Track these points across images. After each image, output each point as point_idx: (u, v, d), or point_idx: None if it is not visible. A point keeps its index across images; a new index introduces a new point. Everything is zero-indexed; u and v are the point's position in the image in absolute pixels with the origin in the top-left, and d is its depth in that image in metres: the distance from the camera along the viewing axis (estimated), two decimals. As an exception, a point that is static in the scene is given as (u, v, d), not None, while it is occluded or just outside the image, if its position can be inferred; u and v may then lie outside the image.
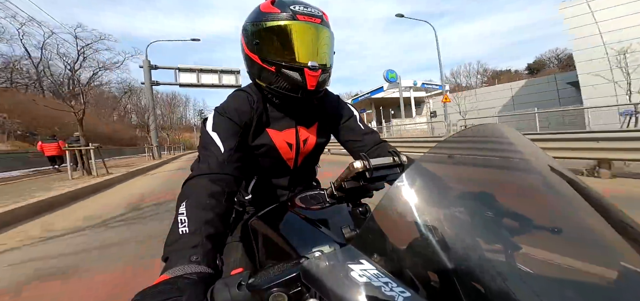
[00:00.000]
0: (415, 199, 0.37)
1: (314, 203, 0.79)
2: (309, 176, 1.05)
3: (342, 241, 0.56)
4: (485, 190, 0.38)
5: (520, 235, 0.33)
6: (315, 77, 0.77)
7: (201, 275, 0.45)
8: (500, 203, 0.36)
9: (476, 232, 0.35)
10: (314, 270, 0.37)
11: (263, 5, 0.79)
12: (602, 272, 0.29)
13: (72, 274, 2.19)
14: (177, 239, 0.52)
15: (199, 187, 0.63)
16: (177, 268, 0.45)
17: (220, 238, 0.58)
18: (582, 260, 0.30)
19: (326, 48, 0.82)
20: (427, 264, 0.33)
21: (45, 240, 3.10)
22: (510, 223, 0.34)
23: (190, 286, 0.41)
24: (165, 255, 0.51)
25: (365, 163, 0.57)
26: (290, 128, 0.88)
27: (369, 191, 0.66)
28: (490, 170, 0.44)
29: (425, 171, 0.40)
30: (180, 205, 0.58)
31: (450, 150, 0.45)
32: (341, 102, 0.99)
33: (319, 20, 0.78)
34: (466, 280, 0.29)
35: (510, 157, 0.43)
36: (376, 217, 0.38)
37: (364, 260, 0.36)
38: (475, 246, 0.33)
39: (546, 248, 0.32)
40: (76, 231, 3.34)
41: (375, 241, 0.37)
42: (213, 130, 0.74)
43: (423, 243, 0.34)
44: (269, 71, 0.78)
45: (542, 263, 0.31)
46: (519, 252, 0.31)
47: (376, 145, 0.94)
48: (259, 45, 0.78)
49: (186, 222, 0.55)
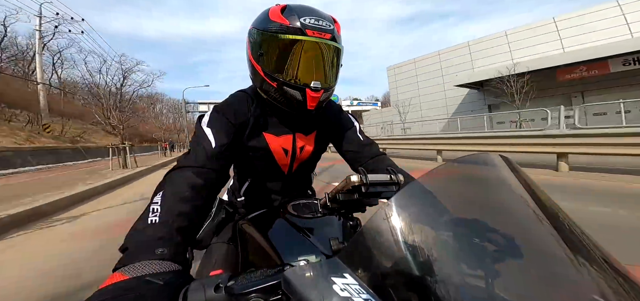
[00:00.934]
0: (406, 220, 0.36)
1: (306, 212, 0.78)
2: (304, 183, 1.05)
3: (329, 252, 0.55)
4: (477, 217, 0.38)
5: (504, 263, 0.33)
6: (316, 98, 0.75)
7: (168, 276, 0.39)
8: (488, 229, 0.36)
9: (461, 258, 0.35)
10: (296, 280, 0.36)
11: (272, 12, 0.75)
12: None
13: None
14: (142, 228, 0.47)
15: (181, 179, 0.60)
16: (138, 264, 0.39)
17: (192, 233, 0.53)
18: (556, 293, 0.30)
19: (332, 67, 0.79)
20: (409, 283, 0.32)
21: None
22: (494, 249, 0.34)
23: (154, 292, 0.34)
24: (124, 245, 0.44)
25: (362, 178, 0.57)
26: (287, 135, 0.88)
27: (362, 206, 0.65)
28: (484, 198, 0.44)
29: (420, 192, 0.40)
30: (156, 194, 0.54)
31: (449, 174, 0.45)
32: (343, 112, 0.99)
33: (329, 36, 0.73)
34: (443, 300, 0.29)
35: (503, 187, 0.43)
36: (365, 232, 0.37)
37: (348, 274, 0.35)
38: (459, 272, 0.32)
39: (526, 278, 0.32)
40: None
41: (362, 256, 0.37)
42: (207, 126, 0.73)
43: (408, 264, 0.33)
44: (270, 85, 0.76)
45: (520, 294, 0.31)
46: (500, 279, 0.31)
47: (375, 157, 0.92)
48: (263, 56, 0.76)
49: (158, 211, 0.50)
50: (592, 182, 4.26)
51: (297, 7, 0.74)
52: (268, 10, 0.77)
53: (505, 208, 0.41)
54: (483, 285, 0.30)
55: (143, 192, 6.07)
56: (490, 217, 0.37)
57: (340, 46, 0.79)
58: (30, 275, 2.30)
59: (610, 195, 3.60)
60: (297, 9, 0.73)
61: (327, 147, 1.01)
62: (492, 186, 0.45)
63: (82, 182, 7.07)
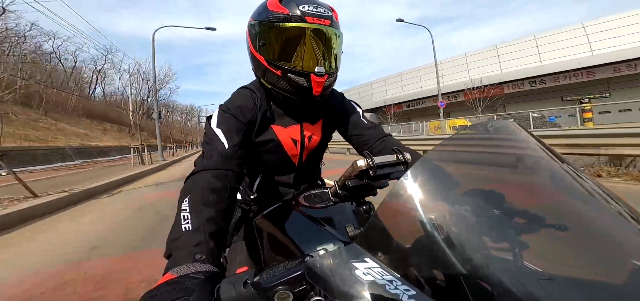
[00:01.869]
0: (420, 197, 0.36)
1: (318, 202, 0.79)
2: (314, 173, 1.05)
3: (346, 239, 0.56)
4: (493, 188, 0.38)
5: (528, 233, 0.32)
6: (321, 83, 0.76)
7: (207, 274, 0.44)
8: (507, 201, 0.35)
9: (483, 230, 0.34)
10: (319, 269, 0.37)
11: (270, 2, 0.76)
12: (612, 271, 0.28)
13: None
14: (179, 236, 0.52)
15: (201, 182, 0.63)
16: (183, 266, 0.45)
17: (222, 236, 0.57)
18: (591, 259, 0.29)
19: (334, 52, 0.80)
20: (432, 262, 0.32)
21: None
22: (517, 221, 0.33)
23: (198, 286, 0.41)
24: (167, 252, 0.51)
25: (369, 162, 0.57)
26: (294, 125, 0.88)
27: (373, 189, 0.65)
28: (499, 168, 0.44)
29: (430, 168, 0.40)
30: (183, 201, 0.58)
31: (458, 146, 0.45)
32: (345, 99, 0.99)
33: (329, 22, 0.74)
34: (472, 278, 0.29)
35: (519, 154, 0.43)
36: (380, 215, 0.37)
37: (368, 258, 0.36)
38: (482, 245, 0.32)
39: (554, 246, 0.32)
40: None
41: (380, 239, 0.37)
42: (217, 127, 0.74)
43: (428, 242, 0.33)
44: (274, 74, 0.77)
45: (550, 262, 0.31)
46: (527, 251, 0.30)
47: (380, 139, 0.93)
48: (265, 46, 0.76)
49: (189, 218, 0.54)
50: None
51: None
52: (266, 1, 0.78)
53: (523, 176, 0.41)
54: (510, 257, 0.30)
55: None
56: (506, 186, 0.37)
57: (340, 32, 0.80)
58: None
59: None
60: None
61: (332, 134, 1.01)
62: (507, 153, 0.44)
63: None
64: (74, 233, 3.32)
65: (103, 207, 4.78)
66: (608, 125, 9.04)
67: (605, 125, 9.54)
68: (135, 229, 3.36)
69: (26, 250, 2.85)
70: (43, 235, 3.31)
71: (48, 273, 2.26)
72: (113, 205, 4.91)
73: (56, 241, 3.05)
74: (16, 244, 3.05)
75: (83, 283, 2.06)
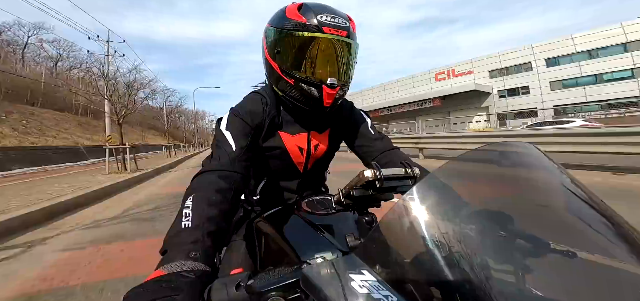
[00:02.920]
0: (425, 213, 0.35)
1: (320, 209, 0.78)
2: (318, 181, 1.05)
3: (346, 249, 0.55)
4: (501, 210, 0.36)
5: (535, 257, 0.31)
6: (332, 94, 0.76)
7: (198, 273, 0.43)
8: (516, 223, 0.34)
9: (486, 252, 0.33)
10: (314, 277, 0.36)
11: (289, 9, 0.76)
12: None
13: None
14: (177, 232, 0.52)
15: (207, 182, 0.63)
16: (175, 263, 0.44)
17: (221, 236, 0.57)
18: (599, 289, 0.28)
19: (348, 64, 0.79)
20: (430, 279, 0.31)
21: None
22: (524, 244, 0.32)
23: (187, 285, 0.39)
24: (163, 248, 0.50)
25: (376, 173, 0.55)
26: (302, 133, 0.88)
27: (377, 201, 0.64)
28: (508, 188, 0.42)
29: (438, 185, 0.39)
30: (187, 198, 0.58)
31: (469, 165, 0.43)
32: (354, 109, 0.99)
33: (345, 33, 0.74)
34: (470, 298, 0.27)
35: (533, 177, 0.41)
36: (382, 227, 0.36)
37: (366, 270, 0.34)
38: (484, 266, 0.31)
39: (562, 273, 0.30)
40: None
41: (379, 252, 0.36)
42: (226, 129, 0.75)
43: (428, 258, 0.32)
44: (287, 82, 0.77)
45: (556, 289, 0.29)
46: (531, 275, 0.29)
47: (387, 151, 0.91)
48: (279, 54, 0.77)
49: (190, 216, 0.54)
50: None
51: (314, 5, 0.75)
52: (285, 8, 0.78)
53: (535, 199, 0.39)
54: (513, 280, 0.28)
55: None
56: (518, 209, 0.35)
57: (356, 43, 0.79)
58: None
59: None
60: (314, 7, 0.74)
61: (340, 144, 1.00)
62: (519, 176, 0.43)
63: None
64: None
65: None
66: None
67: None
68: None
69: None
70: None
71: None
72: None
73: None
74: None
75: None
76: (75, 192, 5.10)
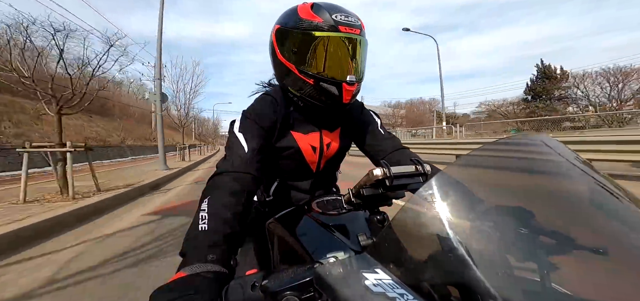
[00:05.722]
0: (438, 210, 0.34)
1: (331, 209, 0.78)
2: (330, 181, 1.05)
3: (358, 248, 0.54)
4: (520, 205, 0.35)
5: (559, 254, 0.29)
6: (351, 91, 0.77)
7: (217, 275, 0.46)
8: (537, 219, 0.32)
9: (506, 248, 0.32)
10: (327, 276, 0.36)
11: (301, 8, 0.76)
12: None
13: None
14: (195, 235, 0.54)
15: (221, 184, 0.65)
16: (194, 265, 0.47)
17: (236, 239, 0.59)
18: (629, 286, 0.26)
19: (363, 61, 0.81)
20: (447, 278, 0.30)
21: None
22: (547, 241, 0.30)
23: (207, 285, 0.42)
24: (183, 250, 0.53)
25: (386, 171, 0.55)
26: (314, 132, 0.88)
27: (388, 199, 0.63)
28: (527, 183, 0.40)
29: (451, 181, 0.38)
30: (203, 201, 0.60)
31: (483, 160, 0.42)
32: (365, 109, 0.98)
33: (359, 31, 0.75)
34: (492, 297, 0.26)
35: (552, 170, 0.39)
36: (394, 226, 0.36)
37: (379, 269, 0.34)
38: (504, 263, 0.29)
39: (589, 270, 0.28)
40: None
41: (392, 250, 0.35)
42: (239, 131, 0.76)
43: (444, 256, 0.31)
44: (305, 81, 0.77)
45: (583, 287, 0.27)
46: (556, 273, 0.27)
47: (397, 150, 0.90)
48: (296, 54, 0.77)
49: (206, 219, 0.56)
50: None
51: (326, 4, 0.75)
52: (296, 8, 0.78)
53: (556, 193, 0.37)
54: (538, 279, 0.27)
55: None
56: (538, 204, 0.34)
57: (366, 41, 0.81)
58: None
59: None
60: (326, 6, 0.74)
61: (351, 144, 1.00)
62: (538, 169, 0.41)
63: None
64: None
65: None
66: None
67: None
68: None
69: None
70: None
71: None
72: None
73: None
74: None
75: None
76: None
